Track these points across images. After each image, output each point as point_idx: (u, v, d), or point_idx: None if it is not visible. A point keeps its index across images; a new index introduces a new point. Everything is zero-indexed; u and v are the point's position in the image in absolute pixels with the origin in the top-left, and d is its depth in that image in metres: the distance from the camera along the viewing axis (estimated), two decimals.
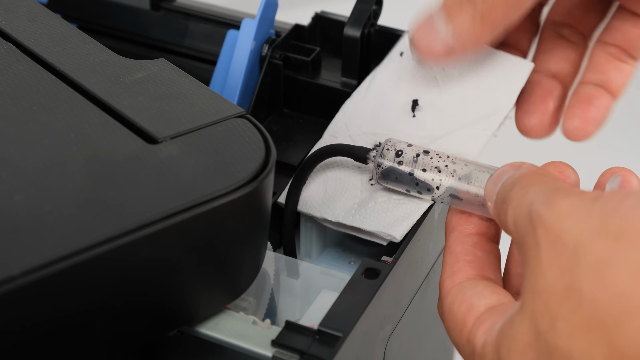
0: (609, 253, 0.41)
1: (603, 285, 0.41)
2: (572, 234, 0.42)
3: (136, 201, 0.46)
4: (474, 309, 0.48)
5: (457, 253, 0.52)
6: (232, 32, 0.65)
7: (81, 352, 0.46)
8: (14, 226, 0.44)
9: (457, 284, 0.50)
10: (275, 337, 0.49)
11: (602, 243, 0.41)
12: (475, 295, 0.49)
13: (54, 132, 0.49)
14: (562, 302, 0.42)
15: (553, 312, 0.42)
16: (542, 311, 0.42)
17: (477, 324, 0.47)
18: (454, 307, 0.49)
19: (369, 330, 0.52)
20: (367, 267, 0.53)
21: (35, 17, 0.57)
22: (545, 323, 0.42)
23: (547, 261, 0.43)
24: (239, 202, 0.47)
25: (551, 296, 0.42)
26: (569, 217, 0.43)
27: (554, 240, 0.43)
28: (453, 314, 0.49)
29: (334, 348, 0.48)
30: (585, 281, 0.41)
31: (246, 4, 0.74)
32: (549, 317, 0.42)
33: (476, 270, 0.51)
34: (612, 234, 0.41)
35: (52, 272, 0.42)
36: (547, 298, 0.42)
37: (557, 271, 0.42)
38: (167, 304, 0.48)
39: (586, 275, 0.41)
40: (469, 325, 0.48)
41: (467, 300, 0.49)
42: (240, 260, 0.50)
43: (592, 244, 0.41)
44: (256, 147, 0.49)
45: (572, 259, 0.42)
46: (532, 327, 0.43)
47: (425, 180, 0.55)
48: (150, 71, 0.54)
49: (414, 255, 0.57)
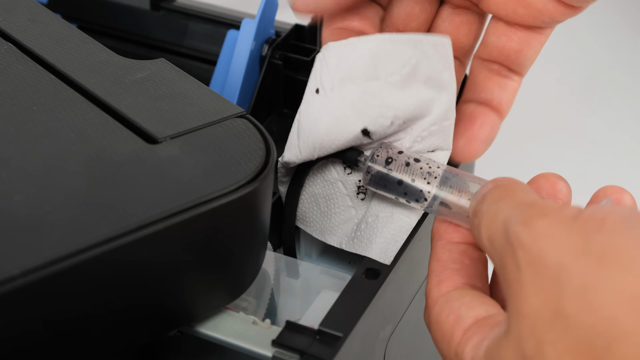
0: (594, 275, 0.40)
1: (590, 310, 0.39)
2: (553, 256, 0.41)
3: (136, 201, 0.46)
4: (462, 321, 0.47)
5: (444, 261, 0.51)
6: (232, 32, 0.65)
7: (81, 352, 0.46)
8: (14, 226, 0.44)
9: (445, 294, 0.49)
10: (276, 337, 0.49)
11: (585, 265, 0.40)
12: (464, 306, 0.48)
13: (54, 132, 0.49)
14: (548, 327, 0.41)
15: (539, 338, 0.41)
16: (528, 336, 0.41)
17: (465, 338, 0.46)
18: (442, 318, 0.48)
19: (370, 331, 0.52)
20: (367, 267, 0.53)
21: (35, 17, 0.57)
22: (532, 348, 0.41)
23: (529, 285, 0.41)
24: (239, 202, 0.47)
25: (537, 321, 0.41)
26: (549, 239, 0.41)
27: (535, 263, 0.41)
28: (440, 324, 0.48)
29: (335, 348, 0.48)
30: (571, 305, 0.40)
31: (246, 4, 0.74)
32: (535, 342, 0.41)
33: (464, 279, 0.50)
34: (595, 256, 0.40)
35: (52, 273, 0.42)
36: (532, 323, 0.41)
37: (541, 295, 0.41)
38: (167, 304, 0.48)
39: (571, 299, 0.40)
40: (457, 339, 0.47)
41: (454, 311, 0.48)
42: (240, 260, 0.50)
43: (575, 266, 0.40)
44: (256, 147, 0.49)
45: (555, 283, 0.41)
46: (518, 351, 0.42)
47: (414, 188, 0.53)
48: (150, 71, 0.54)
49: (414, 255, 0.56)
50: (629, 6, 1.09)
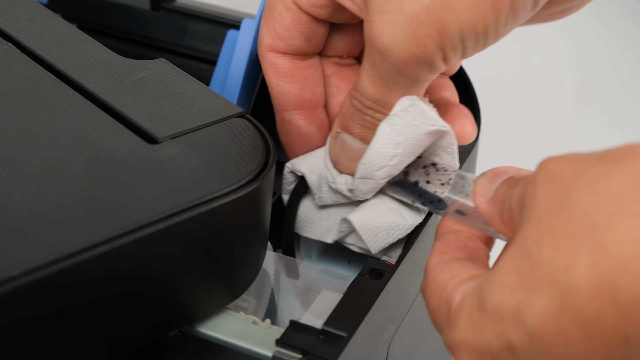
0: (608, 170, 0.40)
1: (597, 194, 0.39)
2: (573, 165, 0.41)
3: (136, 201, 0.46)
4: (458, 275, 0.46)
5: (449, 240, 0.50)
6: (232, 32, 0.65)
7: (81, 352, 0.46)
8: (14, 226, 0.44)
9: (445, 260, 0.48)
10: (280, 336, 0.49)
11: (602, 164, 0.40)
12: (462, 267, 0.47)
13: (54, 132, 0.49)
14: (551, 219, 0.40)
15: (541, 231, 0.40)
16: (531, 233, 0.41)
17: (458, 286, 0.46)
18: (438, 277, 0.47)
19: (373, 331, 0.52)
20: (371, 267, 0.53)
21: (36, 17, 0.57)
22: (532, 242, 0.41)
23: (542, 191, 0.41)
24: (239, 202, 0.47)
25: (541, 217, 0.41)
26: (572, 157, 0.42)
27: (552, 176, 0.41)
28: (436, 282, 0.47)
29: (339, 348, 0.48)
30: (578, 195, 0.40)
31: (246, 4, 0.74)
32: (536, 236, 0.41)
33: (466, 255, 0.49)
34: (614, 157, 0.40)
35: (52, 272, 0.42)
36: (537, 220, 0.41)
37: (552, 195, 0.41)
38: (167, 304, 0.48)
39: (581, 190, 0.40)
40: (450, 289, 0.46)
41: (452, 270, 0.47)
42: (240, 260, 0.50)
43: (592, 167, 0.40)
44: (256, 147, 0.49)
45: (569, 183, 0.40)
46: (520, 252, 0.41)
47: (430, 192, 0.54)
48: (150, 71, 0.54)
49: (418, 256, 0.56)
50: (630, 5, 1.09)
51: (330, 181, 0.56)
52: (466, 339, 0.44)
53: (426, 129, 0.53)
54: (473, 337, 0.43)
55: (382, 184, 0.55)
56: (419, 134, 0.53)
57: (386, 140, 0.53)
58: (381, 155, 0.53)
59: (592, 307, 0.39)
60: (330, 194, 0.57)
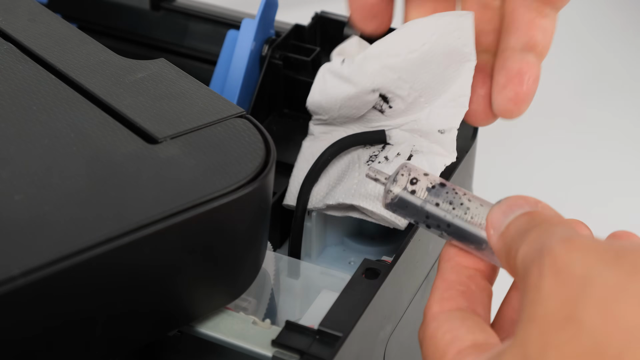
0: (621, 286, 0.38)
1: (608, 318, 0.38)
2: (581, 265, 0.39)
3: (136, 201, 0.46)
4: (458, 341, 0.45)
5: (451, 281, 0.48)
6: (232, 32, 0.65)
7: (81, 352, 0.46)
8: (14, 226, 0.44)
9: (446, 312, 0.46)
10: (276, 337, 0.49)
11: (614, 276, 0.38)
12: (464, 328, 0.45)
13: (54, 132, 0.49)
14: (557, 330, 0.39)
15: (546, 341, 0.39)
16: (535, 339, 0.40)
17: (459, 358, 0.44)
18: (438, 334, 0.45)
19: (369, 330, 0.52)
20: (367, 267, 0.53)
21: (36, 17, 0.57)
22: (536, 351, 0.39)
23: (549, 290, 0.40)
24: (239, 202, 0.47)
25: (547, 324, 0.39)
26: (581, 250, 0.40)
27: (560, 271, 0.40)
28: (435, 340, 0.45)
29: (334, 348, 0.48)
30: (588, 312, 0.38)
31: (246, 4, 0.74)
32: (540, 345, 0.39)
33: (467, 303, 0.47)
34: (627, 267, 0.38)
35: (52, 273, 0.42)
36: (542, 326, 0.39)
37: (559, 300, 0.39)
38: (167, 304, 0.48)
39: (591, 306, 0.38)
40: (449, 357, 0.44)
41: (453, 330, 0.45)
42: (240, 260, 0.50)
43: (603, 276, 0.38)
44: (256, 147, 0.49)
45: (578, 290, 0.39)
46: (520, 354, 0.40)
47: (436, 215, 0.49)
48: (150, 71, 0.54)
49: (414, 255, 0.56)
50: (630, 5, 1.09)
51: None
52: None
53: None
54: None
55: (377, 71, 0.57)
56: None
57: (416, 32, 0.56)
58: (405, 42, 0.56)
59: None
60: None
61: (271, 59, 0.64)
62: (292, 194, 0.59)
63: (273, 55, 0.64)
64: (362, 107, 0.59)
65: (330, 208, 0.58)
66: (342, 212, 0.58)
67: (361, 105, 0.59)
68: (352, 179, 0.58)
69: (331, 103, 0.59)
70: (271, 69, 0.64)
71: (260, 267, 0.52)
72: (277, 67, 0.64)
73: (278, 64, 0.64)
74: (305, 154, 0.60)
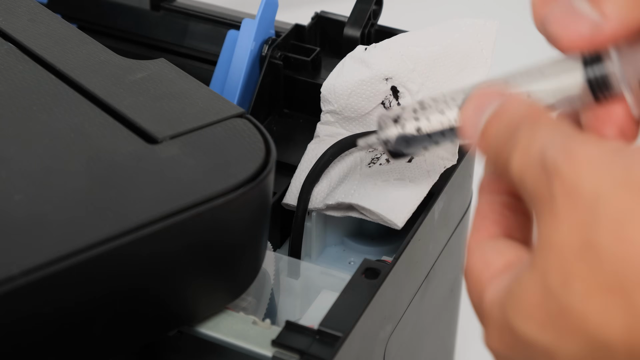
0: (632, 206, 0.38)
1: (624, 243, 0.38)
2: (591, 185, 0.39)
3: (136, 201, 0.46)
4: (490, 266, 0.44)
5: (484, 212, 0.47)
6: (232, 32, 0.65)
7: (81, 352, 0.46)
8: (14, 226, 0.44)
9: (479, 242, 0.46)
10: (276, 337, 0.49)
11: (625, 196, 0.38)
12: (494, 252, 0.45)
13: (54, 132, 0.49)
14: (578, 259, 0.39)
15: (568, 270, 0.39)
16: (555, 269, 0.39)
17: (490, 281, 0.44)
18: (471, 265, 0.45)
19: (369, 330, 0.52)
20: (367, 267, 0.53)
21: (36, 17, 0.57)
22: (558, 282, 0.39)
23: (562, 214, 0.39)
24: (239, 202, 0.47)
25: (566, 252, 0.39)
26: (589, 167, 0.39)
27: (571, 192, 0.39)
28: (471, 272, 0.45)
29: (334, 348, 0.48)
30: (604, 237, 0.38)
31: (246, 4, 0.74)
32: (562, 275, 0.39)
33: (501, 229, 0.47)
34: (637, 187, 0.38)
35: (52, 272, 0.42)
36: (561, 254, 0.39)
37: (574, 225, 0.39)
38: (167, 304, 0.48)
39: (605, 230, 0.38)
40: (483, 283, 0.44)
41: (484, 257, 0.45)
42: (240, 260, 0.50)
43: (614, 196, 0.38)
44: (256, 147, 0.49)
45: (590, 212, 0.39)
46: (542, 285, 0.40)
47: (435, 128, 0.48)
48: (150, 71, 0.54)
49: (414, 255, 0.57)
50: None
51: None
52: (497, 350, 0.43)
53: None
54: (504, 352, 0.43)
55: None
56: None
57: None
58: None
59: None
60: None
61: (271, 59, 0.64)
62: (292, 194, 0.59)
63: (273, 55, 0.64)
64: (372, 97, 0.60)
65: (330, 208, 0.58)
66: (342, 212, 0.58)
67: (371, 95, 0.60)
68: (353, 181, 0.58)
69: (343, 87, 0.60)
70: (271, 69, 0.64)
71: (260, 267, 0.52)
72: (277, 67, 0.64)
73: (278, 64, 0.64)
74: (310, 155, 0.60)
